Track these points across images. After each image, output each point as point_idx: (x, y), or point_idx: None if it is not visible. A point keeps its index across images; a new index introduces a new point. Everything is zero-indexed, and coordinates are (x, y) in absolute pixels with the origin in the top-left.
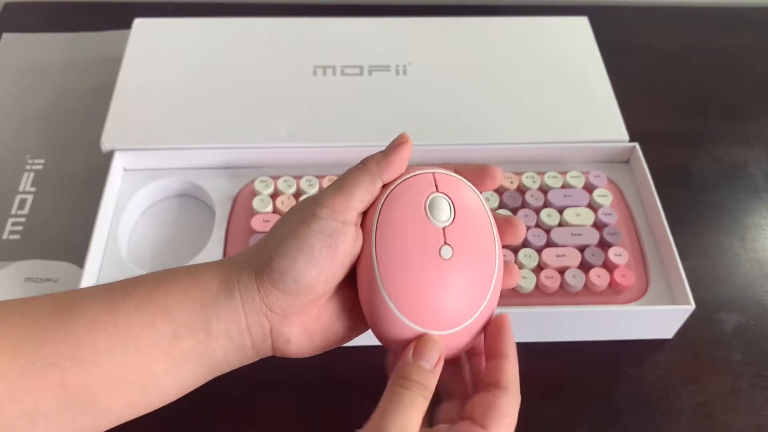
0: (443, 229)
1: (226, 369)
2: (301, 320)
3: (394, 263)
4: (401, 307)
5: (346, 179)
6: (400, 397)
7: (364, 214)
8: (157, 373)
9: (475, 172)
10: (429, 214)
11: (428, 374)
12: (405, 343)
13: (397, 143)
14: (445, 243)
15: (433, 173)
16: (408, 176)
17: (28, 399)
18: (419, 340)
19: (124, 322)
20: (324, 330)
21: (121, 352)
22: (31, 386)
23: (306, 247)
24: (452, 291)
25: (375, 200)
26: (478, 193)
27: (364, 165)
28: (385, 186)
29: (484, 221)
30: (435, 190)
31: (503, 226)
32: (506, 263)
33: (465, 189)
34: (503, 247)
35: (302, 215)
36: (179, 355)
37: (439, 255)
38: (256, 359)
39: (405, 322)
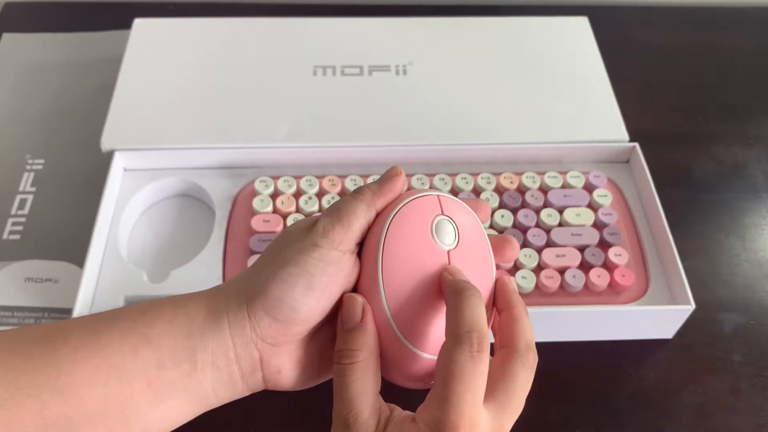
0: (448, 252)
1: (215, 404)
2: (292, 350)
3: (400, 284)
4: (406, 331)
5: (343, 209)
6: (336, 377)
7: (367, 233)
8: (140, 406)
9: (468, 205)
10: (435, 237)
11: (353, 336)
12: (410, 373)
13: (391, 175)
14: None
15: (438, 196)
16: (413, 197)
17: None
18: (341, 306)
19: (106, 351)
20: (316, 360)
21: (103, 383)
22: (10, 418)
23: (306, 274)
24: None
25: (380, 217)
26: (478, 218)
27: (360, 194)
28: (390, 205)
29: (483, 246)
30: (441, 213)
31: (498, 245)
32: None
33: (466, 213)
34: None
35: (302, 244)
36: (163, 387)
37: None
38: (248, 393)
39: (410, 348)
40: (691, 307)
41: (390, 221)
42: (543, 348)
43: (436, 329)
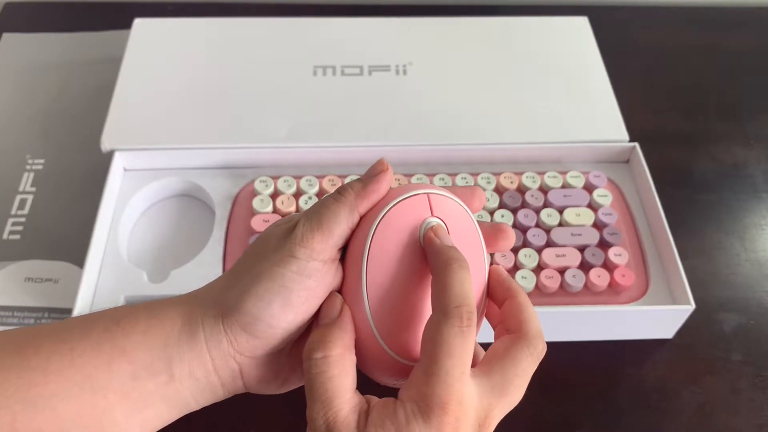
0: None
1: (196, 408)
2: (272, 360)
3: (386, 295)
4: (391, 343)
5: (323, 213)
6: (309, 376)
7: (351, 237)
8: (116, 417)
9: (462, 193)
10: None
11: (328, 329)
12: (397, 382)
13: (377, 171)
14: None
15: (427, 194)
16: (401, 198)
17: None
18: (322, 304)
19: (79, 362)
20: (298, 368)
21: (77, 395)
22: None
23: (283, 290)
24: None
25: (365, 220)
26: (470, 212)
27: (342, 196)
28: (376, 205)
29: (476, 244)
30: (430, 214)
31: (493, 233)
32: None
33: (458, 210)
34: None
35: (278, 255)
36: (140, 398)
37: None
38: (229, 396)
39: (395, 359)
40: (691, 307)
41: (375, 227)
42: None
43: (418, 337)
